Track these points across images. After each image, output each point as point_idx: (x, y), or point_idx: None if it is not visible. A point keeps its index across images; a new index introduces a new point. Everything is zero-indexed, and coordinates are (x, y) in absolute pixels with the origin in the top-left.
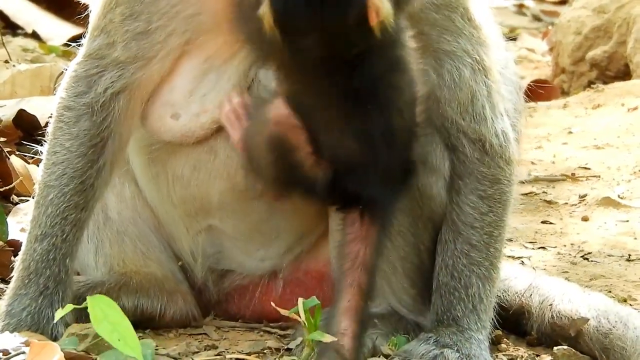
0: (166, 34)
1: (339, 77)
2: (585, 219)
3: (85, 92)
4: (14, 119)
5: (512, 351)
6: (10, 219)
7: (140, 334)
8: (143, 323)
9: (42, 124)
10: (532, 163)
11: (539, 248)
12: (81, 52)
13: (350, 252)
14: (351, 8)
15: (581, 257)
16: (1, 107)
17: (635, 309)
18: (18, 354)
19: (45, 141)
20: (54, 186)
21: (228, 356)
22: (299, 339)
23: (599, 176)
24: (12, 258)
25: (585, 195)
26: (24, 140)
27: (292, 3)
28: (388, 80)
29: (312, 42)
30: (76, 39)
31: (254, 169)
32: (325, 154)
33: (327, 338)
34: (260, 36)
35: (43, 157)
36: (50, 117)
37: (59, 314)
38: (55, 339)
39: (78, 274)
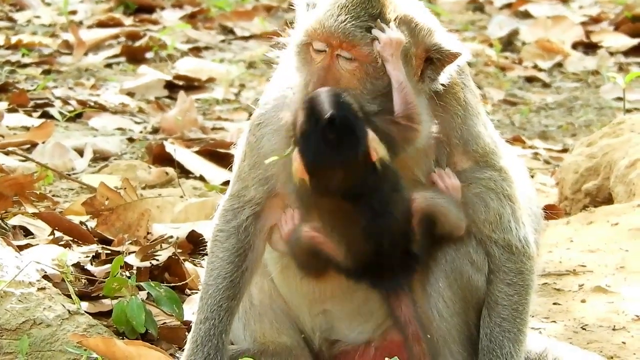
0: (277, 181)
1: (351, 202)
2: (583, 301)
3: (232, 219)
4: (187, 237)
5: None
6: (185, 306)
7: None
8: None
9: (207, 240)
10: (546, 263)
11: (551, 322)
12: (228, 191)
13: (398, 315)
14: (359, 148)
15: (581, 327)
16: (178, 228)
17: None
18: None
19: (206, 253)
20: (212, 284)
21: None
22: None
23: (592, 271)
24: (186, 333)
25: (582, 285)
26: (194, 251)
27: (317, 151)
28: (389, 197)
29: (333, 178)
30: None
31: (297, 262)
32: (347, 253)
33: None
34: (299, 192)
35: (205, 264)
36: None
37: None
38: None
39: (232, 343)
